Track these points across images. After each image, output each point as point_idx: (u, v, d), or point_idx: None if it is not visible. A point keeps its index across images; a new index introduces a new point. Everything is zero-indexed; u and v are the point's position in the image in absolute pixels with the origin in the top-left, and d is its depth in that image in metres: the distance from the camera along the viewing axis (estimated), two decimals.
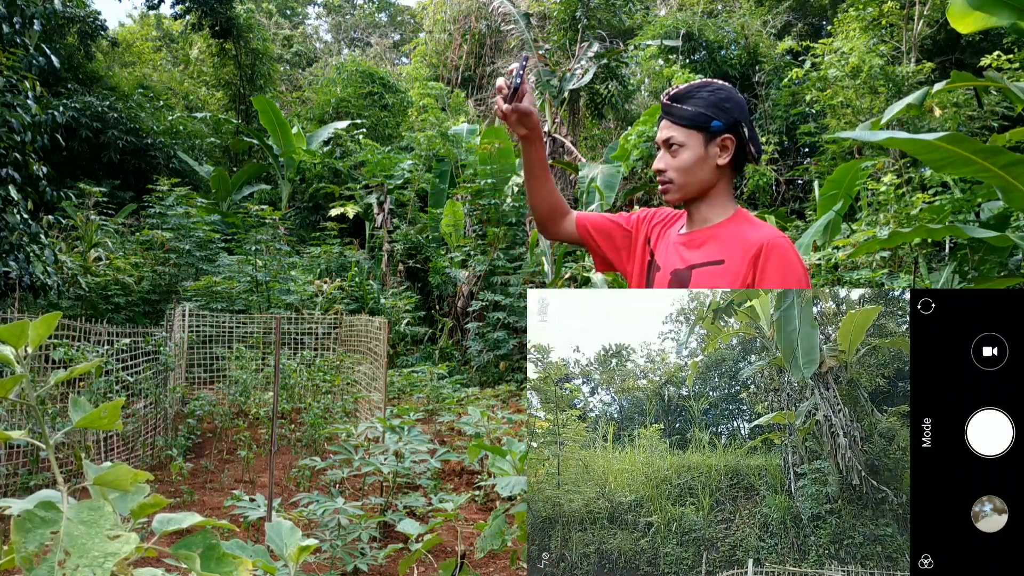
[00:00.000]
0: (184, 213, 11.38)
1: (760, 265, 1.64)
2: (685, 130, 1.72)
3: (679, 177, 1.74)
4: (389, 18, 36.74)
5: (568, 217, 1.99)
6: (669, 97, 1.77)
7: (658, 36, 15.86)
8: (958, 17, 4.42)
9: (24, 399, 0.90)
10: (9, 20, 7.08)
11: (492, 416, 4.87)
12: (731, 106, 1.71)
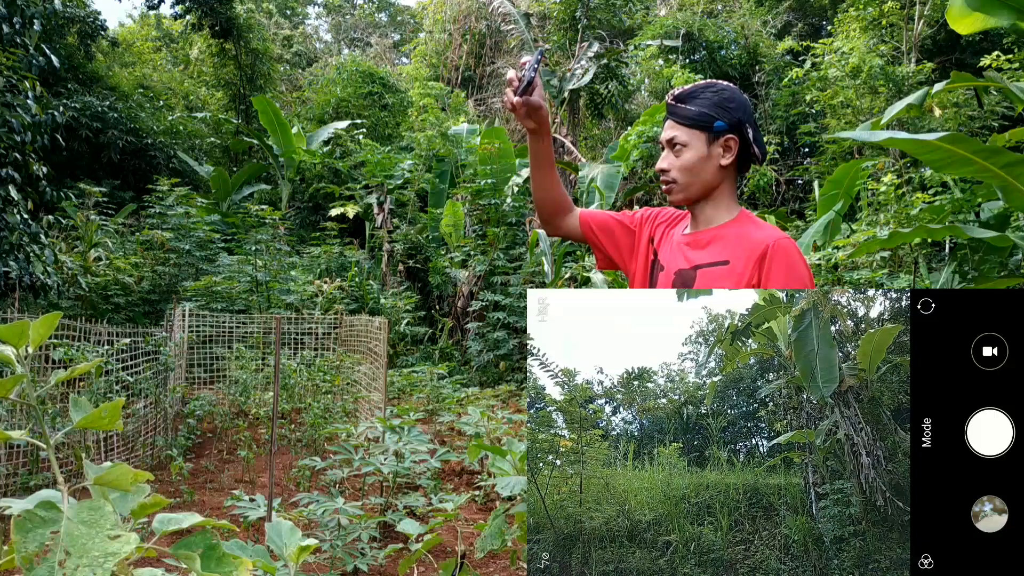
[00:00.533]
0: (184, 213, 11.38)
1: (765, 266, 1.64)
2: (688, 130, 1.72)
3: (682, 177, 1.74)
4: (389, 18, 36.74)
5: (572, 214, 1.99)
6: (674, 97, 1.76)
7: (658, 36, 15.86)
8: (957, 18, 4.41)
9: (24, 399, 0.90)
10: (9, 20, 7.08)
11: (492, 416, 4.87)
12: (734, 106, 1.71)
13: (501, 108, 20.56)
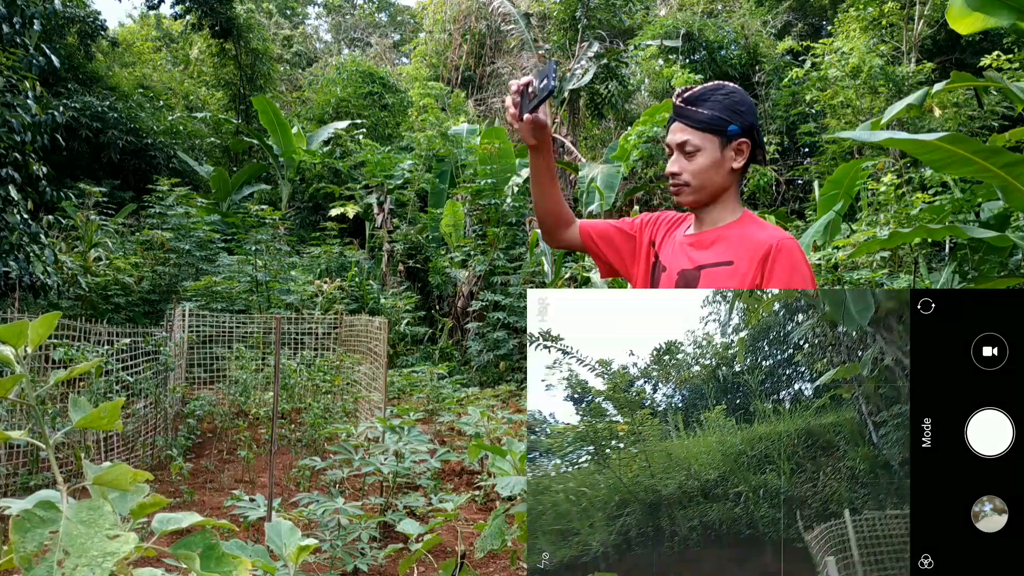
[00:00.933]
0: (184, 213, 11.38)
1: (768, 266, 1.64)
2: (701, 134, 1.71)
3: (695, 180, 1.74)
4: (389, 18, 36.73)
5: (572, 226, 2.00)
6: (682, 100, 1.74)
7: (658, 36, 15.86)
8: (957, 18, 4.41)
9: (24, 399, 0.90)
10: (9, 20, 7.08)
11: (492, 416, 4.87)
12: (745, 109, 1.71)
13: (501, 108, 20.57)
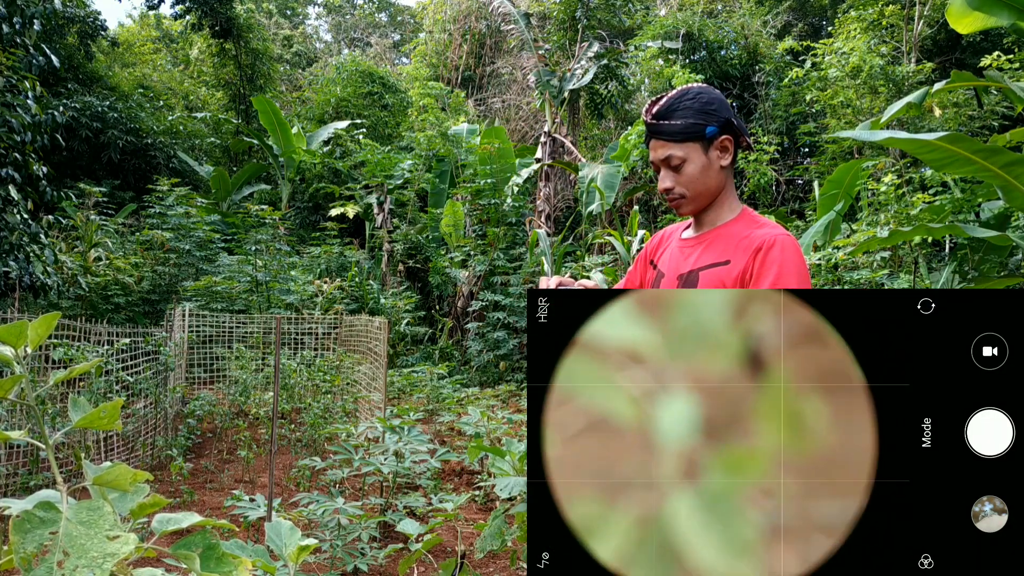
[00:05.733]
0: (184, 213, 11.38)
1: (759, 258, 1.62)
2: (681, 144, 1.70)
3: (690, 191, 1.73)
4: (389, 18, 36.70)
5: None
6: (652, 116, 1.73)
7: (658, 36, 15.86)
8: (957, 17, 4.41)
9: (24, 399, 0.90)
10: (9, 20, 7.07)
11: (492, 416, 4.87)
12: (716, 106, 1.70)
13: (501, 108, 20.57)
